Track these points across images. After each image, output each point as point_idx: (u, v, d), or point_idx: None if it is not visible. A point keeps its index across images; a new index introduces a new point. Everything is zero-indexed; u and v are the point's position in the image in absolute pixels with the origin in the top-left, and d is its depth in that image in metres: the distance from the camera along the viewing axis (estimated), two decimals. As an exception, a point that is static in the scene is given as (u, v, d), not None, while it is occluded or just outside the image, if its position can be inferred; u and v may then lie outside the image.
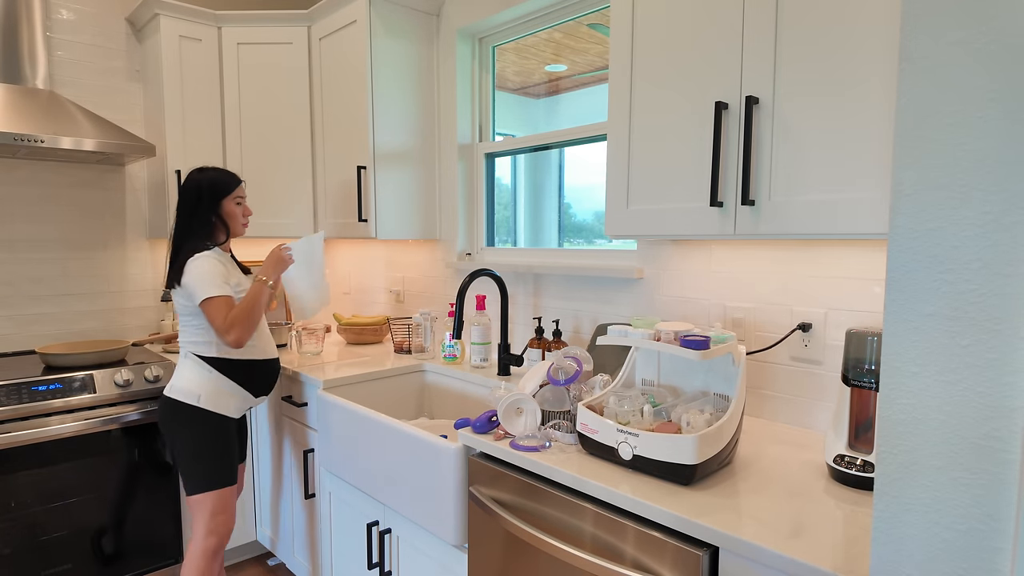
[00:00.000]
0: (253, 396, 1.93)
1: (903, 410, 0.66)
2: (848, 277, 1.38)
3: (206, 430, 1.81)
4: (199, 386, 1.82)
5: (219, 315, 1.75)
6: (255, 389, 1.93)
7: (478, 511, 1.41)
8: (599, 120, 2.01)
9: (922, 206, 0.64)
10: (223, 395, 1.84)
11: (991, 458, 0.61)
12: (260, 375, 1.94)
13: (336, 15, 2.34)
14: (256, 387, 1.94)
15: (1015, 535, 0.60)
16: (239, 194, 1.91)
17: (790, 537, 0.94)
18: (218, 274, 1.78)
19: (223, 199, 1.87)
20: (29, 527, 1.96)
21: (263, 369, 1.95)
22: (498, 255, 2.39)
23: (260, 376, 1.94)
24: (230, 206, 1.89)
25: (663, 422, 1.21)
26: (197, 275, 1.75)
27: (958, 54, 0.60)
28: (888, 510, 0.68)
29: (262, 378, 1.95)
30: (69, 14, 2.47)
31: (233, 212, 1.90)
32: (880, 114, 1.05)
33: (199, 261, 1.77)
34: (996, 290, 0.59)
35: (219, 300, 1.75)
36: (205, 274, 1.75)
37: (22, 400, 1.93)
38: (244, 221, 1.94)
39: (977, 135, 0.60)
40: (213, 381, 1.83)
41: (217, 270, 1.77)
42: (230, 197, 1.89)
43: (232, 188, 1.89)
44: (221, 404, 1.84)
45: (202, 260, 1.77)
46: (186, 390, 1.81)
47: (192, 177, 1.87)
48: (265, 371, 1.96)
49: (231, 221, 1.90)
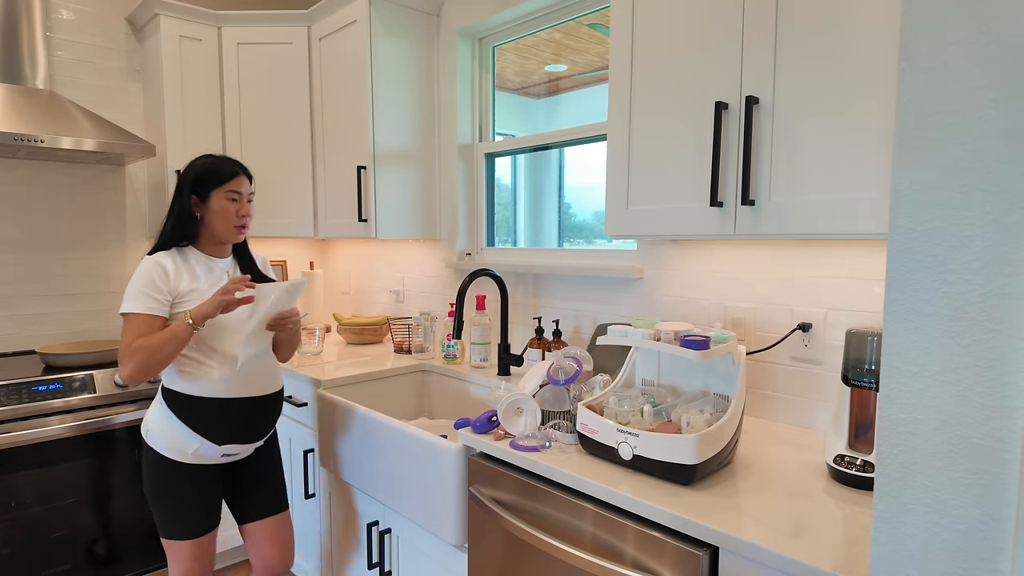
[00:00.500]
0: (212, 442, 1.54)
1: (903, 410, 0.66)
2: (848, 277, 1.38)
3: (153, 471, 1.54)
4: (152, 418, 1.55)
5: (124, 338, 1.44)
6: (211, 433, 1.54)
7: (478, 511, 1.41)
8: (599, 120, 2.01)
9: (922, 206, 0.64)
10: (171, 434, 1.52)
11: (991, 458, 0.61)
12: (218, 417, 1.54)
13: (336, 15, 2.34)
14: (213, 431, 1.54)
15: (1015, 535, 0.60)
16: (233, 188, 1.56)
17: (790, 537, 0.94)
18: (146, 284, 1.46)
19: (211, 191, 1.55)
20: (29, 527, 1.96)
21: (225, 410, 1.55)
22: (498, 255, 2.39)
23: (219, 418, 1.54)
24: (219, 201, 1.55)
25: (663, 422, 1.21)
26: (130, 283, 1.49)
27: (958, 54, 0.60)
28: (888, 510, 0.68)
29: (222, 421, 1.55)
30: (69, 14, 2.47)
31: (221, 209, 1.55)
32: (880, 114, 1.05)
33: (140, 265, 1.50)
34: (996, 290, 0.59)
35: (132, 319, 1.45)
36: (132, 283, 1.48)
37: (22, 400, 1.93)
38: (239, 222, 1.58)
39: (977, 135, 0.60)
40: (162, 416, 1.53)
41: (148, 278, 1.47)
42: (220, 190, 1.55)
43: (223, 179, 1.55)
44: (169, 445, 1.52)
45: (142, 264, 1.50)
46: (145, 419, 1.58)
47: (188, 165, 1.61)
48: (228, 412, 1.55)
49: (216, 219, 1.55)
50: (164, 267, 1.49)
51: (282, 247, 3.10)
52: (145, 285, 1.46)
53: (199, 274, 1.56)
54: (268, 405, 1.64)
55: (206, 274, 1.57)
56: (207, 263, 1.59)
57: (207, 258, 1.60)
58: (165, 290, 1.49)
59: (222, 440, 1.55)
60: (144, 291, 1.46)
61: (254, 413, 1.60)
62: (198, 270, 1.56)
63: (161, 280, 1.48)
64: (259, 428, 1.62)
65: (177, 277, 1.51)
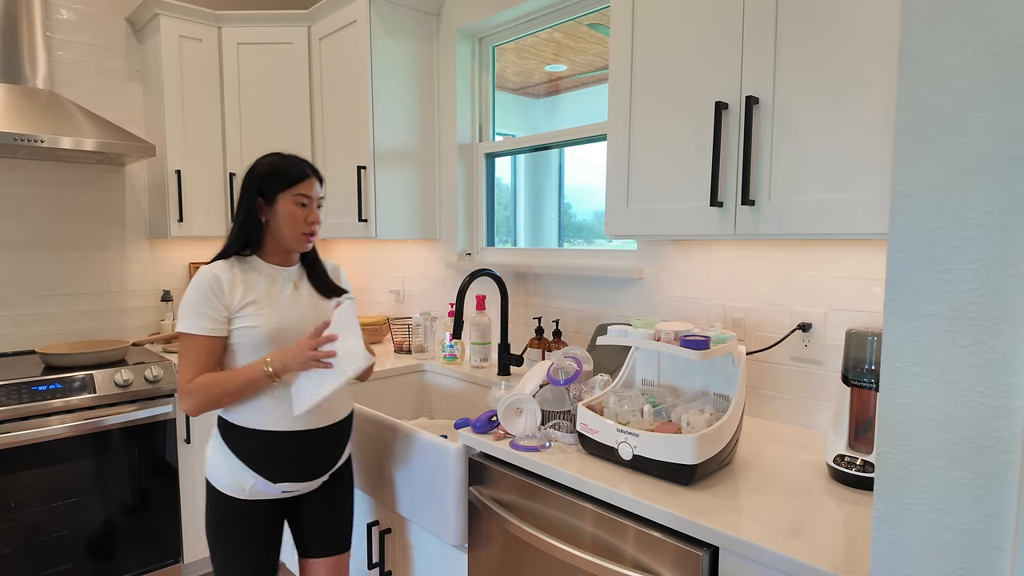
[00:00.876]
0: (267, 479, 1.38)
1: (903, 410, 0.66)
2: (848, 277, 1.38)
3: (211, 509, 1.41)
4: (209, 450, 1.43)
5: (183, 364, 1.33)
6: (267, 470, 1.37)
7: (478, 511, 1.41)
8: (599, 120, 2.01)
9: (922, 206, 0.64)
10: (227, 468, 1.38)
11: (991, 458, 0.61)
12: (274, 452, 1.37)
13: (336, 15, 2.34)
14: (267, 467, 1.38)
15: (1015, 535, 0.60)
16: (303, 191, 1.41)
17: (790, 537, 0.94)
18: (200, 300, 1.33)
19: (278, 194, 1.40)
20: (29, 527, 1.96)
21: (281, 444, 1.37)
22: (498, 255, 2.39)
23: (274, 453, 1.37)
24: (286, 205, 1.40)
25: (663, 422, 1.21)
26: (184, 298, 1.35)
27: (958, 54, 0.60)
28: (888, 510, 0.68)
29: (278, 456, 1.38)
30: (69, 14, 2.47)
31: (288, 214, 1.40)
32: (880, 114, 1.05)
33: (195, 277, 1.36)
34: (996, 290, 0.59)
35: (188, 340, 1.33)
36: (186, 298, 1.34)
37: (22, 400, 1.93)
38: (307, 229, 1.42)
39: (977, 135, 0.60)
40: (218, 448, 1.41)
41: (201, 293, 1.33)
42: (288, 193, 1.40)
43: (292, 181, 1.40)
44: (226, 480, 1.38)
45: (197, 277, 1.35)
46: (206, 454, 1.45)
47: (254, 162, 1.46)
48: (284, 447, 1.38)
49: (282, 225, 1.40)
50: (218, 280, 1.35)
51: (282, 247, 3.10)
52: (199, 302, 1.33)
53: (259, 284, 1.40)
54: (332, 437, 1.45)
55: (268, 284, 1.41)
56: (270, 272, 1.44)
57: (271, 267, 1.44)
58: (220, 306, 1.34)
59: (278, 477, 1.38)
60: (199, 309, 1.33)
61: (316, 447, 1.41)
62: (259, 281, 1.41)
63: (215, 295, 1.34)
64: (321, 463, 1.43)
65: (232, 290, 1.36)
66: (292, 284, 1.46)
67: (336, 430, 1.46)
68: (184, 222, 2.49)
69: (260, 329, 1.36)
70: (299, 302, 1.44)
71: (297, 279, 1.48)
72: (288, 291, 1.44)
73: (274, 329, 1.38)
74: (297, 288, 1.46)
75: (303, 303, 1.45)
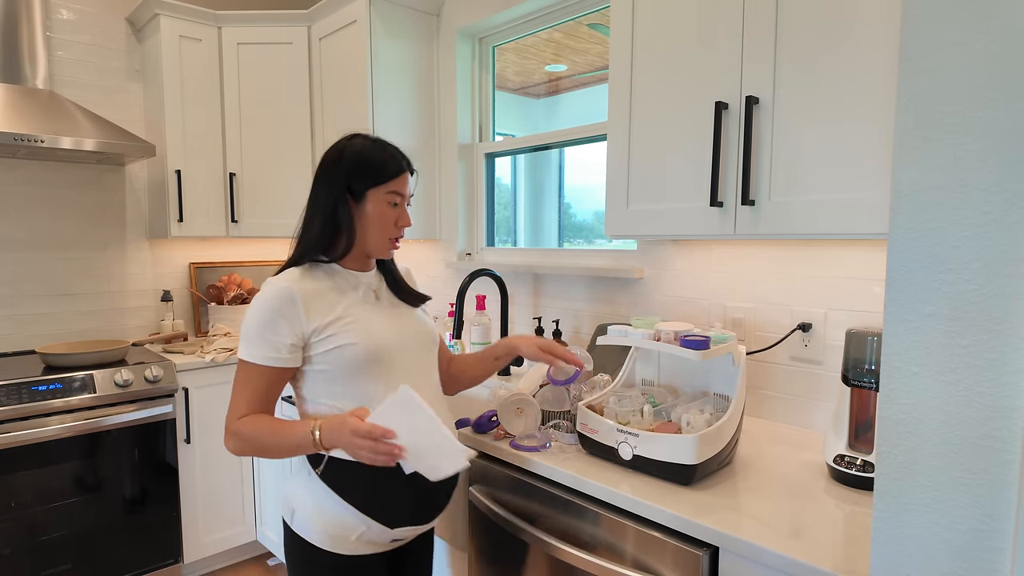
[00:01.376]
0: (384, 524, 1.12)
1: (903, 410, 0.66)
2: (848, 277, 1.38)
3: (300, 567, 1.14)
4: (297, 496, 1.15)
5: (237, 395, 1.10)
6: (385, 513, 1.12)
7: (478, 511, 1.41)
8: (599, 120, 2.01)
9: (922, 206, 0.64)
10: (326, 516, 1.11)
11: (991, 458, 0.61)
12: (394, 490, 1.12)
13: (336, 15, 2.34)
14: (386, 509, 1.12)
15: (1015, 535, 0.60)
16: (397, 189, 1.17)
17: (790, 537, 0.94)
18: (267, 323, 1.08)
19: (368, 189, 1.15)
20: (29, 527, 1.96)
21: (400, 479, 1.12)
22: (498, 255, 2.39)
23: (395, 491, 1.12)
24: (377, 204, 1.16)
25: (663, 422, 1.21)
26: (247, 315, 1.11)
27: (958, 54, 0.60)
28: (888, 510, 0.68)
29: (399, 495, 1.12)
30: (69, 14, 2.47)
31: (378, 215, 1.16)
32: (880, 114, 1.05)
33: (262, 291, 1.11)
34: (996, 290, 0.59)
35: (246, 370, 1.09)
36: (250, 316, 1.10)
37: (22, 400, 1.93)
38: (396, 233, 1.19)
39: (977, 135, 0.60)
40: (313, 492, 1.12)
41: (269, 314, 1.08)
42: (380, 189, 1.15)
43: (387, 175, 1.15)
44: (324, 531, 1.11)
45: (265, 291, 1.10)
46: (285, 496, 1.18)
47: (336, 146, 1.19)
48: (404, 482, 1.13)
49: (369, 227, 1.16)
50: (292, 297, 1.09)
51: (282, 247, 3.10)
52: (265, 325, 1.08)
53: (342, 295, 1.16)
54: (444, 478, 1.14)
55: (351, 294, 1.17)
56: (351, 280, 1.19)
57: (350, 273, 1.20)
58: (289, 332, 1.08)
59: (396, 521, 1.13)
60: (263, 334, 1.08)
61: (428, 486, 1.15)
62: (342, 290, 1.17)
63: (285, 317, 1.08)
64: (443, 497, 1.20)
65: (310, 307, 1.10)
66: (373, 293, 1.21)
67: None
68: (184, 222, 2.49)
69: (356, 347, 1.11)
70: (388, 314, 1.20)
71: (377, 287, 1.24)
72: (371, 301, 1.20)
73: (372, 348, 1.12)
74: (379, 298, 1.22)
75: (392, 315, 1.21)
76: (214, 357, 2.34)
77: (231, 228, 2.61)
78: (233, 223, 2.61)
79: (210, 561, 2.47)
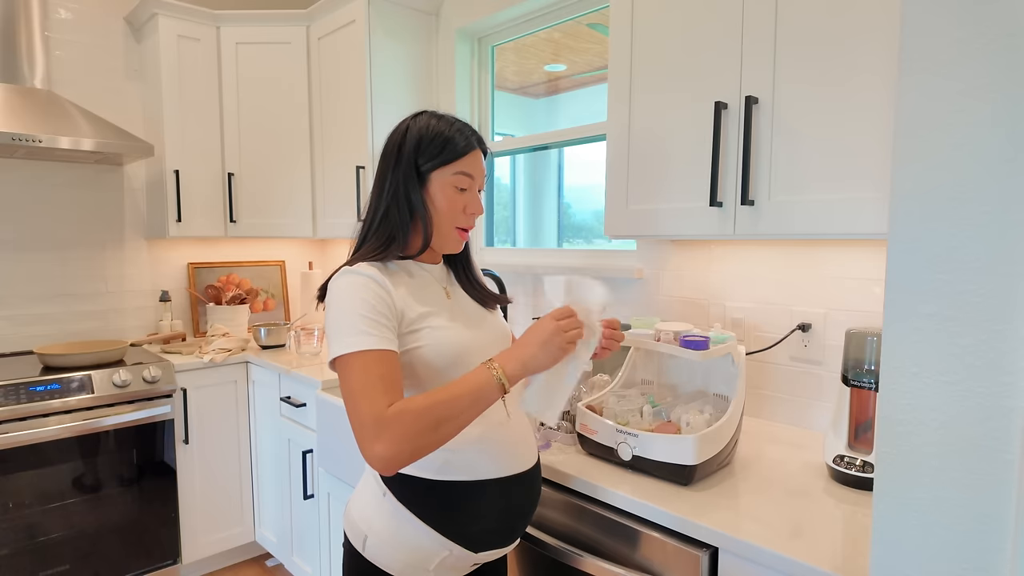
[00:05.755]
0: (468, 548, 0.99)
1: (903, 410, 0.66)
2: (848, 277, 1.38)
3: None
4: (368, 519, 1.01)
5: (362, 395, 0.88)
6: (468, 536, 0.99)
7: (477, 511, 1.41)
8: (599, 120, 2.01)
9: (922, 206, 0.64)
10: (404, 541, 0.98)
11: (990, 458, 0.61)
12: (481, 509, 1.00)
13: (335, 15, 2.34)
14: (471, 531, 0.99)
15: (1014, 535, 0.60)
16: (465, 170, 1.03)
17: (790, 537, 0.94)
18: (365, 306, 0.93)
19: (433, 171, 1.02)
20: (27, 528, 1.96)
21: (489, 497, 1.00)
22: (498, 255, 2.38)
23: (482, 511, 1.00)
24: (442, 188, 1.02)
25: (663, 422, 1.21)
26: (331, 310, 0.95)
27: (958, 54, 0.60)
28: (888, 510, 0.68)
29: (486, 515, 1.00)
30: (67, 14, 2.46)
31: (446, 200, 1.03)
32: (879, 114, 1.05)
33: (338, 285, 0.96)
34: (996, 290, 0.59)
35: (359, 363, 0.89)
36: (338, 309, 0.94)
37: (20, 400, 1.92)
38: (465, 222, 1.06)
39: (977, 135, 0.60)
40: (387, 514, 1.00)
41: (363, 299, 0.93)
42: (447, 169, 1.02)
43: (456, 153, 1.02)
44: (400, 558, 0.98)
45: (344, 282, 0.96)
46: (354, 520, 1.03)
47: (398, 127, 1.06)
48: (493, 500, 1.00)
49: (436, 216, 1.03)
50: (384, 283, 0.96)
51: (280, 247, 3.10)
52: (365, 308, 0.93)
53: (423, 289, 1.04)
54: (535, 478, 1.08)
55: (428, 289, 1.05)
56: (422, 275, 1.07)
57: (420, 267, 1.08)
58: (390, 315, 0.95)
59: (481, 544, 1.00)
60: (367, 316, 0.92)
61: (522, 495, 1.04)
62: (421, 284, 1.05)
63: (383, 300, 0.95)
64: (527, 516, 1.07)
65: (398, 295, 0.98)
66: (444, 290, 1.09)
67: (538, 466, 1.10)
68: (183, 222, 2.49)
69: (445, 346, 0.99)
70: (467, 315, 1.08)
71: (447, 283, 1.12)
72: (446, 301, 1.07)
73: (460, 348, 1.00)
74: (450, 296, 1.09)
75: (471, 317, 1.08)
76: (212, 357, 2.34)
77: (229, 228, 2.61)
78: (232, 223, 2.60)
79: (209, 562, 2.47)
